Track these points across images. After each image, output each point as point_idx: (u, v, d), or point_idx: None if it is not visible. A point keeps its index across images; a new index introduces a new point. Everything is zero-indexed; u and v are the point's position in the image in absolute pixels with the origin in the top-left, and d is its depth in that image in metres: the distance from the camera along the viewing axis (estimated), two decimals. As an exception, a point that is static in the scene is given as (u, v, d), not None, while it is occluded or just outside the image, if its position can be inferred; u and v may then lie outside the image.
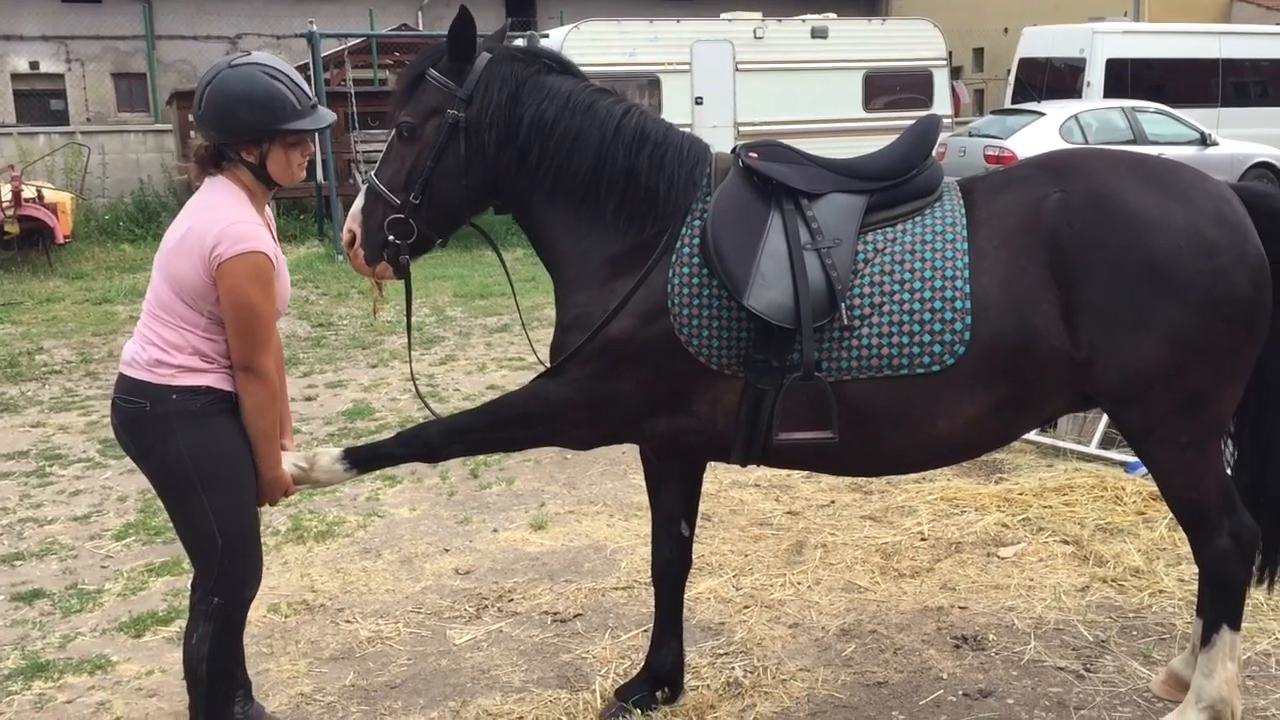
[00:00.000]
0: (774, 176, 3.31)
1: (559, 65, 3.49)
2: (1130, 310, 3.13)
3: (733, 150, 3.45)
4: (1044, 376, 3.23)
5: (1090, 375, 3.21)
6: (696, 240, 3.27)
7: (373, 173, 3.46)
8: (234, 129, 3.18)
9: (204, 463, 3.21)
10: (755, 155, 3.36)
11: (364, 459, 3.48)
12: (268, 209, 3.42)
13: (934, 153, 3.46)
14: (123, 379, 3.28)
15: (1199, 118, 17.61)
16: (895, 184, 3.35)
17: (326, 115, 3.31)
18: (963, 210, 3.30)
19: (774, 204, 3.29)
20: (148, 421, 3.23)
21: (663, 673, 3.84)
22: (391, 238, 3.39)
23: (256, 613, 4.65)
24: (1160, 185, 3.23)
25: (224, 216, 3.16)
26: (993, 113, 19.89)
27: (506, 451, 3.67)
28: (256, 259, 3.14)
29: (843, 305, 3.18)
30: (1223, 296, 3.13)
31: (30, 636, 4.54)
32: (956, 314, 3.17)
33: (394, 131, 3.42)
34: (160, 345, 3.21)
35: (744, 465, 3.48)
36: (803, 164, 3.39)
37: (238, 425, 3.26)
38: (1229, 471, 3.51)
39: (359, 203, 3.45)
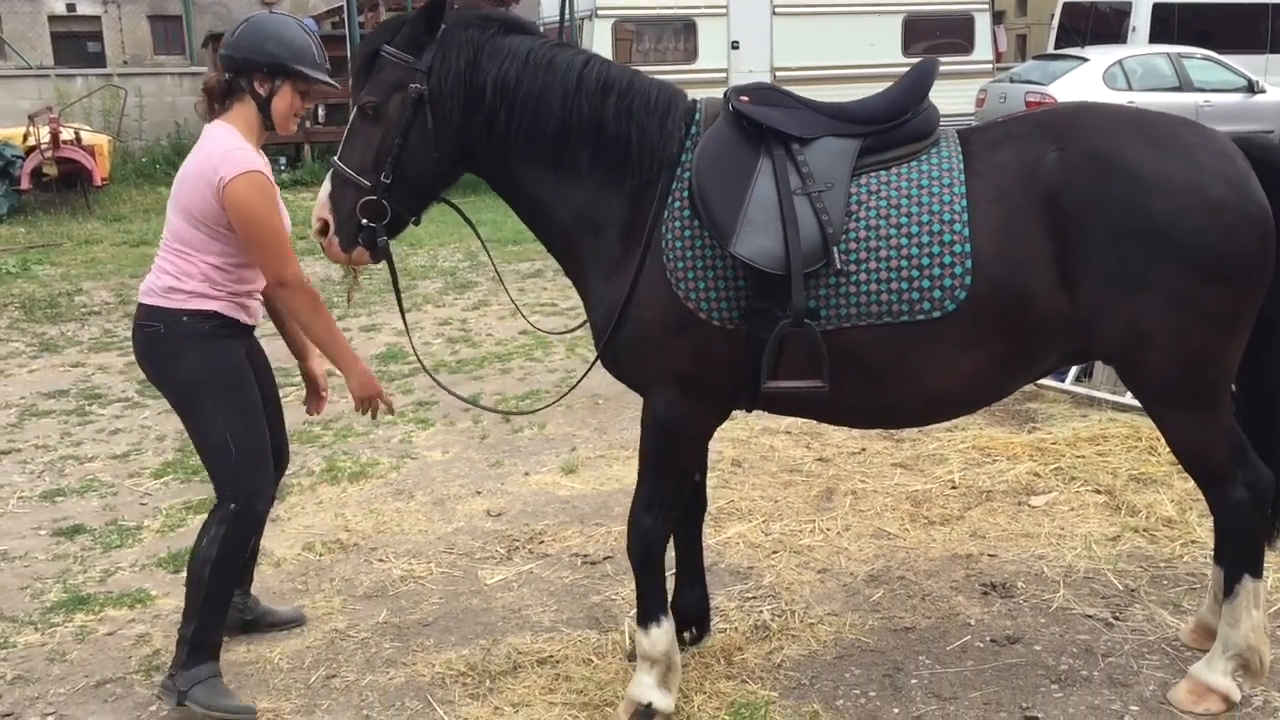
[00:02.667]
0: (763, 121, 3.23)
1: (516, 25, 3.42)
2: (1130, 272, 3.06)
3: (724, 95, 3.37)
4: (1042, 335, 3.18)
5: (1090, 335, 3.17)
6: (686, 193, 3.20)
7: (336, 158, 3.36)
8: (259, 56, 3.49)
9: (210, 374, 3.52)
10: (746, 99, 3.28)
11: (643, 604, 3.53)
12: (262, 155, 3.60)
13: (974, 99, 3.39)
14: (141, 307, 3.61)
15: (1247, 64, 17.18)
16: (889, 127, 3.27)
17: (334, 83, 3.76)
18: (960, 157, 3.22)
19: (763, 150, 3.21)
20: (163, 343, 3.55)
21: (688, 614, 3.87)
22: (365, 221, 3.31)
23: (291, 550, 4.74)
24: (1161, 143, 3.14)
25: (223, 146, 3.47)
26: (1035, 58, 19.53)
27: (688, 481, 3.63)
28: (255, 177, 3.43)
29: (835, 250, 3.10)
30: (1225, 256, 3.06)
31: (72, 570, 4.64)
32: (956, 258, 3.10)
33: (356, 112, 3.33)
34: (174, 274, 3.53)
35: (749, 411, 3.49)
36: (795, 108, 3.31)
37: (242, 347, 3.64)
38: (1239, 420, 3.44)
39: (326, 189, 3.35)
